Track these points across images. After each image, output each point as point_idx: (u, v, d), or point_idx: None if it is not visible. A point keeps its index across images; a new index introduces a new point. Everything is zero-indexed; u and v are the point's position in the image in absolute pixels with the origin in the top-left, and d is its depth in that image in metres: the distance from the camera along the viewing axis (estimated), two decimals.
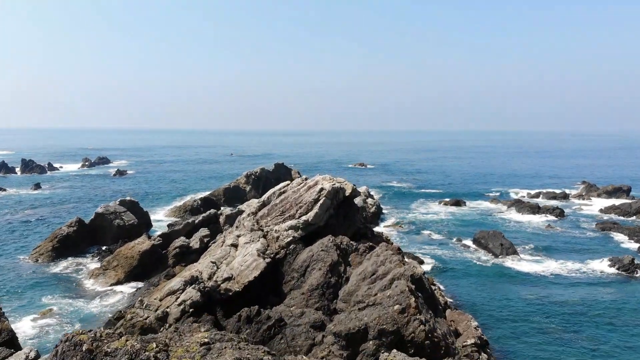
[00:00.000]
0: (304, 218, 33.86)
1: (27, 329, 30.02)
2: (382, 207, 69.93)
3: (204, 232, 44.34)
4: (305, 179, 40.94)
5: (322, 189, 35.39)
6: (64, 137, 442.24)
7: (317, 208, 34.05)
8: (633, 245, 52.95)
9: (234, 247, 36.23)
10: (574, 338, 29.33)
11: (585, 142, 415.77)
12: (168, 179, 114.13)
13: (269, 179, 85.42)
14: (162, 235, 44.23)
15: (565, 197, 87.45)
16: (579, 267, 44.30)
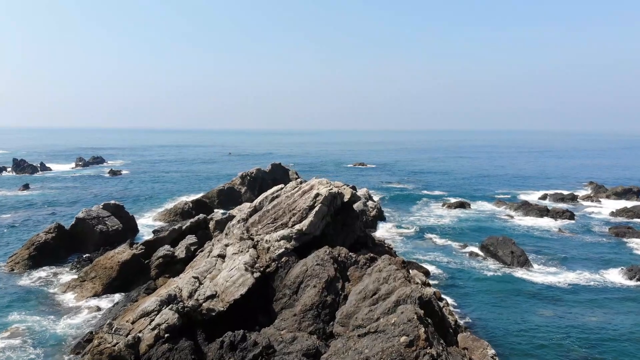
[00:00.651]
0: (298, 227, 30.48)
1: None
2: (382, 209, 66.52)
3: (191, 239, 40.92)
4: (300, 183, 37.60)
5: (317, 195, 32.02)
6: (61, 136, 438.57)
7: (312, 216, 30.68)
8: None
9: (221, 258, 32.87)
10: None
11: (585, 142, 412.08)
12: (163, 180, 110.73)
13: (266, 180, 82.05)
14: (145, 244, 40.79)
15: (573, 198, 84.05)
16: (596, 277, 40.95)
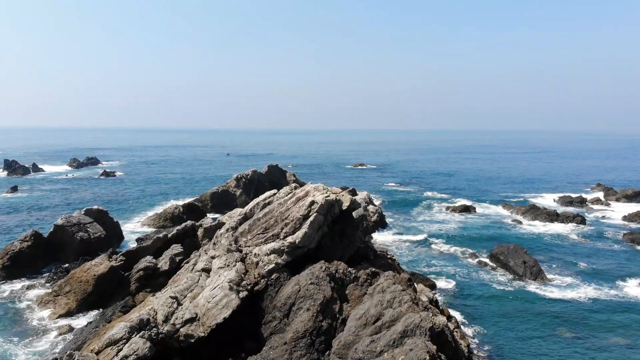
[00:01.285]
0: (290, 239, 27.13)
1: None
2: (384, 214, 63.18)
3: (176, 249, 37.55)
4: (295, 188, 34.25)
5: (313, 203, 28.67)
6: (59, 136, 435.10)
7: (306, 227, 27.32)
8: None
9: (206, 272, 29.56)
10: None
11: (585, 142, 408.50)
12: (157, 181, 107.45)
13: (262, 182, 78.77)
14: (126, 254, 37.44)
15: (582, 202, 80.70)
16: (617, 292, 37.54)
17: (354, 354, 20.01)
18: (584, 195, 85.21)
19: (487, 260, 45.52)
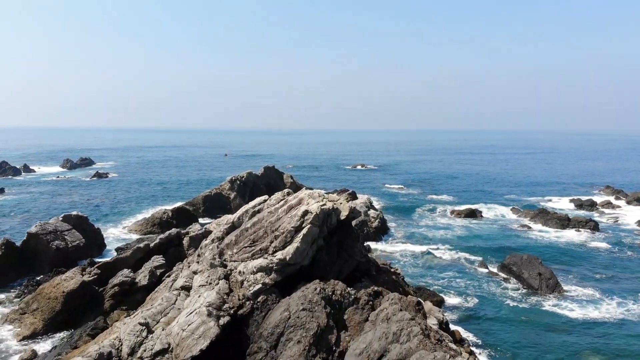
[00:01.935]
0: (280, 255, 23.64)
1: None
2: (385, 218, 59.70)
3: (158, 261, 34.14)
4: (288, 194, 30.80)
5: (306, 212, 25.17)
6: (58, 136, 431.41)
7: (298, 241, 23.82)
8: None
9: (185, 291, 26.12)
10: None
11: (586, 142, 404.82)
12: (151, 183, 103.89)
13: (257, 185, 75.25)
14: (102, 266, 33.95)
15: (593, 205, 77.21)
16: None
17: None
18: (594, 198, 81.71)
19: (496, 270, 42.05)
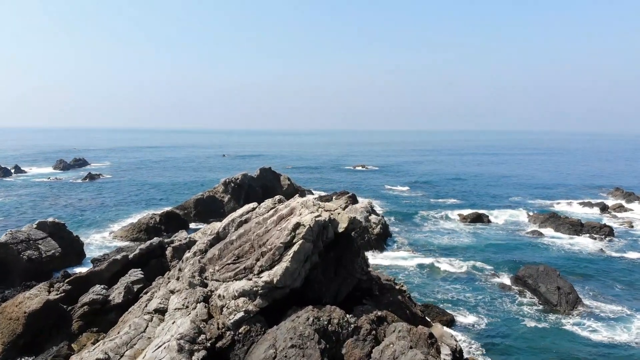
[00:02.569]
0: (266, 277, 20.10)
1: None
2: (387, 224, 56.15)
3: (135, 275, 30.60)
4: (279, 202, 27.28)
5: (298, 225, 21.63)
6: (56, 136, 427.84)
7: (288, 260, 20.29)
8: None
9: (159, 314, 22.63)
10: None
11: (586, 142, 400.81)
12: (144, 184, 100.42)
13: (253, 187, 71.79)
14: (73, 281, 30.38)
15: (604, 208, 73.72)
16: None
17: None
18: (605, 202, 78.14)
19: (509, 283, 38.53)
